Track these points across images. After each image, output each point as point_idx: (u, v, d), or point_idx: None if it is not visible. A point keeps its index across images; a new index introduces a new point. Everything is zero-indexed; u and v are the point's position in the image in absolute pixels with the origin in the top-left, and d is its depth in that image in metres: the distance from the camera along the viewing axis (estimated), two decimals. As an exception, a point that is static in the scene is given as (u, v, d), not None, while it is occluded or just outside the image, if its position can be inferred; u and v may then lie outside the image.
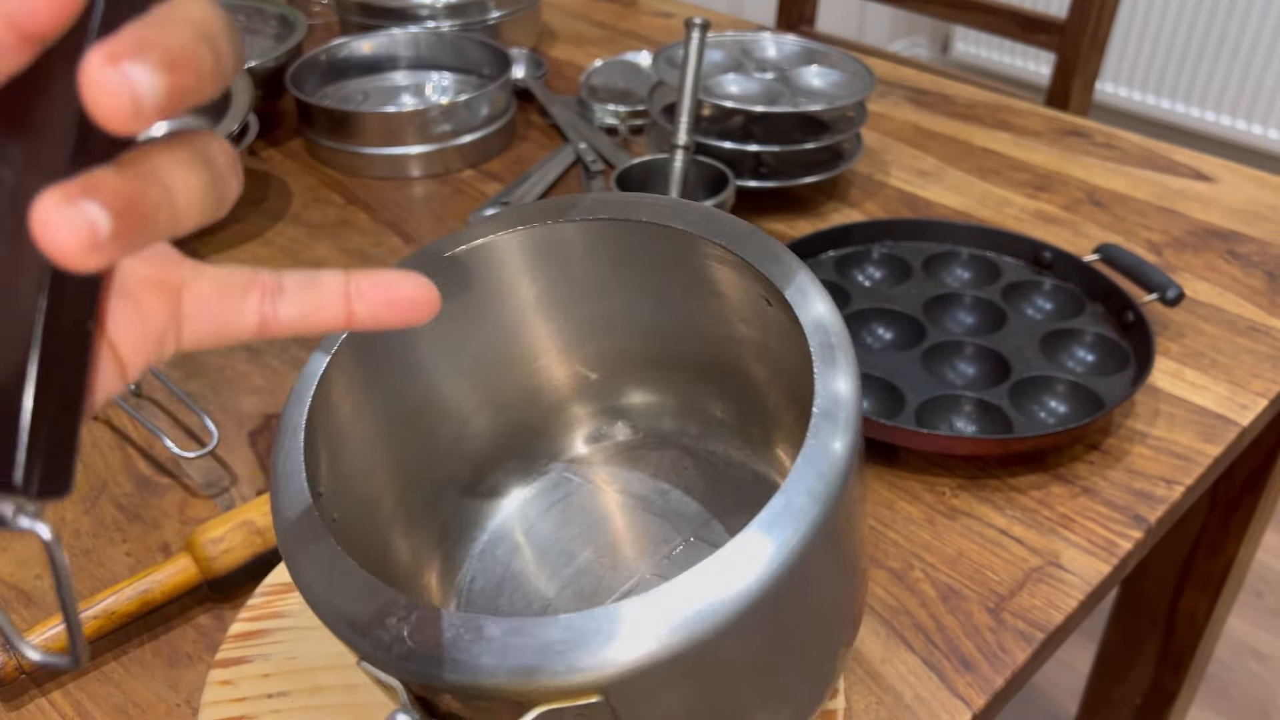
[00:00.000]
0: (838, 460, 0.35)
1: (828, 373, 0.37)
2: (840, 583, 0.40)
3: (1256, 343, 0.73)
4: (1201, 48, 2.36)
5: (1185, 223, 0.87)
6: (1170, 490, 0.61)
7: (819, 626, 0.40)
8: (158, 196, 0.22)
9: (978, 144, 1.00)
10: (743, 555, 0.32)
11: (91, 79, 0.19)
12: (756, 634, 0.35)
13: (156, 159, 0.22)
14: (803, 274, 0.41)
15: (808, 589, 0.36)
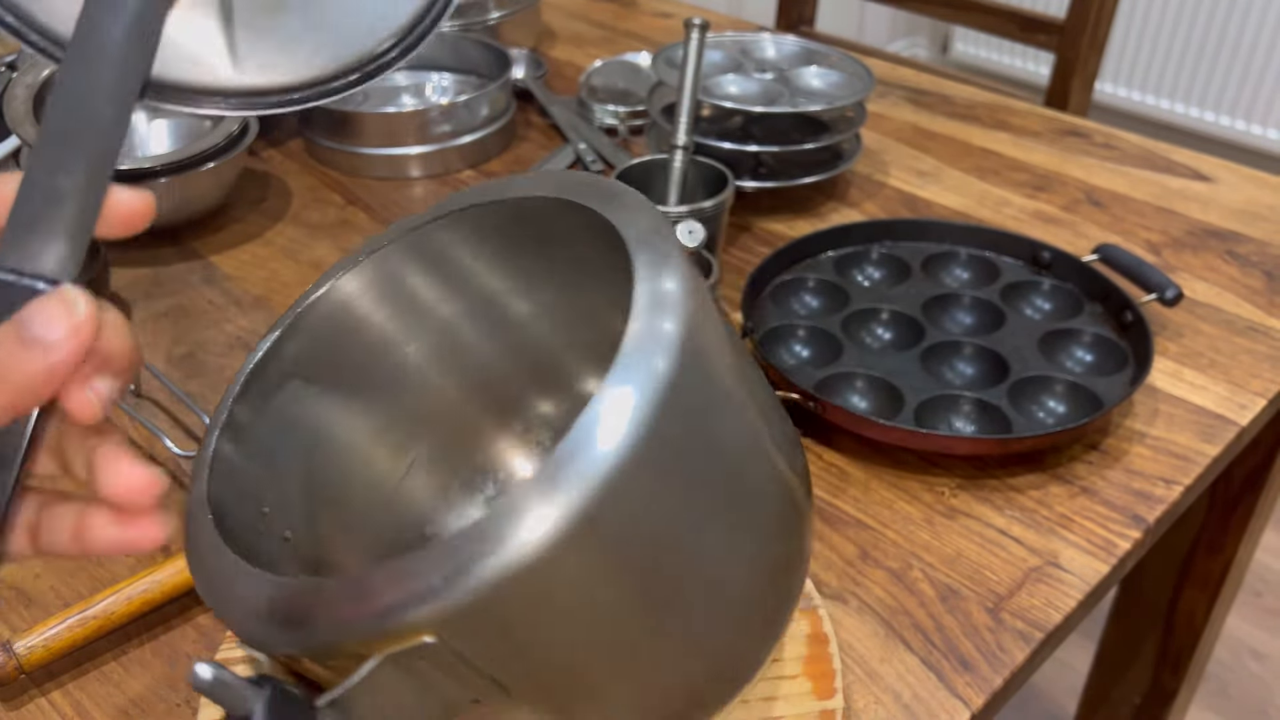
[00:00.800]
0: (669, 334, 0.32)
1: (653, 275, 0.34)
2: (728, 488, 0.36)
3: (1255, 343, 0.73)
4: (1200, 48, 2.36)
5: (1184, 223, 0.87)
6: (1169, 490, 0.61)
7: (709, 538, 0.35)
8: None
9: (977, 144, 1.00)
10: (566, 471, 0.30)
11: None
12: (606, 558, 0.32)
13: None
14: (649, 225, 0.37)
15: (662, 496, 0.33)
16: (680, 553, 0.34)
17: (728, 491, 0.36)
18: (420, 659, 0.31)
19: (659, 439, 0.31)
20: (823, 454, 0.64)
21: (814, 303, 0.76)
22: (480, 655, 0.32)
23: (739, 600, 0.37)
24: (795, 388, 0.64)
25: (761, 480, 0.38)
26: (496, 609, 0.31)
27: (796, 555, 0.41)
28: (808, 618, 0.51)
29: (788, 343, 0.71)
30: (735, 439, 0.36)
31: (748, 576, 0.38)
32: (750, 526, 0.37)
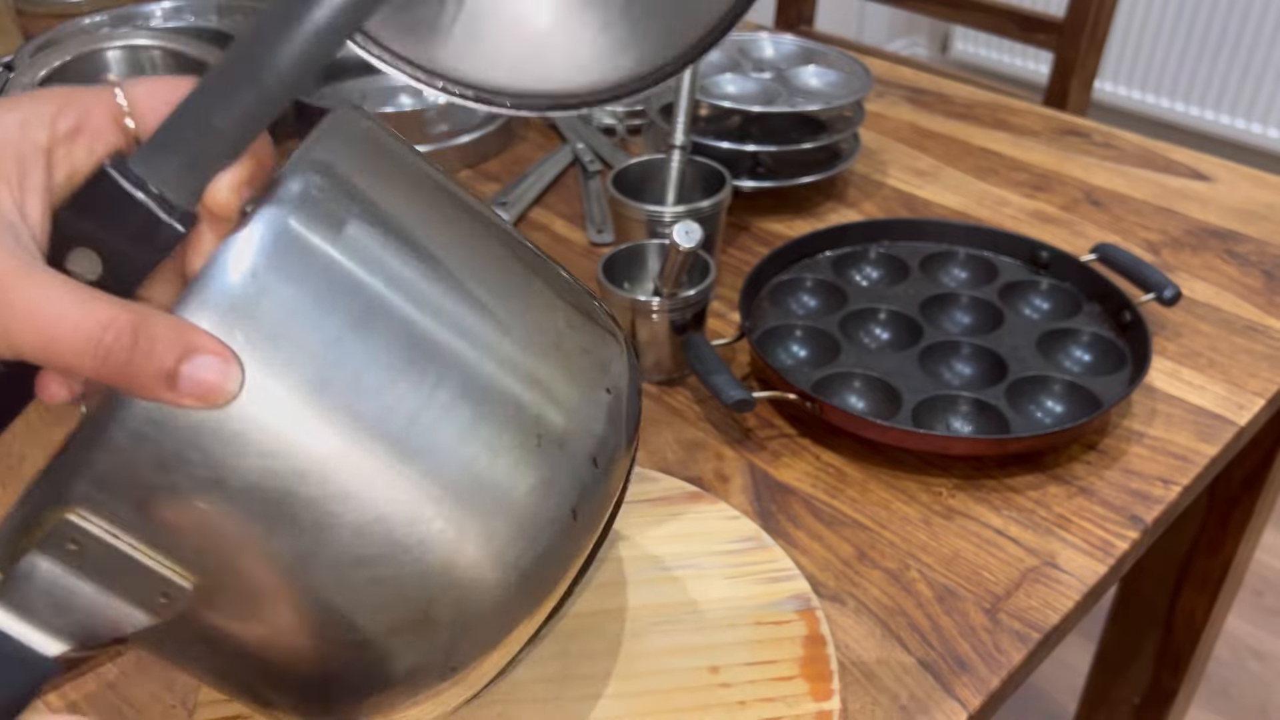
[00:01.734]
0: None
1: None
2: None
3: (1254, 342, 0.73)
4: (1200, 46, 2.36)
5: (1183, 222, 0.87)
6: (1167, 490, 0.61)
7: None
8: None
9: (976, 144, 1.00)
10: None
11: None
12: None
13: None
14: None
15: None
16: (360, 367, 0.31)
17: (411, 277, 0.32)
18: (71, 543, 0.29)
19: (290, 245, 0.30)
20: (820, 454, 0.64)
21: (812, 303, 0.75)
22: (137, 531, 0.30)
23: (466, 401, 0.32)
24: (793, 388, 0.64)
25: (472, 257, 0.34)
26: (131, 467, 0.29)
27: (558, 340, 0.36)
28: (804, 618, 0.51)
29: (785, 343, 0.71)
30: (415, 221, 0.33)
31: (473, 375, 0.32)
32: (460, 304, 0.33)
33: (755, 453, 0.64)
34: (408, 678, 0.32)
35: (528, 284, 0.36)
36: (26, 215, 0.29)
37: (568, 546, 0.34)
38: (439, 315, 0.32)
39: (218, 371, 0.28)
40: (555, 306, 0.36)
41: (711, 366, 0.63)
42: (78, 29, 1.06)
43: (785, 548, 0.56)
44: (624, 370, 0.38)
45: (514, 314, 0.34)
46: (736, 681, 0.48)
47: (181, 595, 0.30)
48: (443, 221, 0.35)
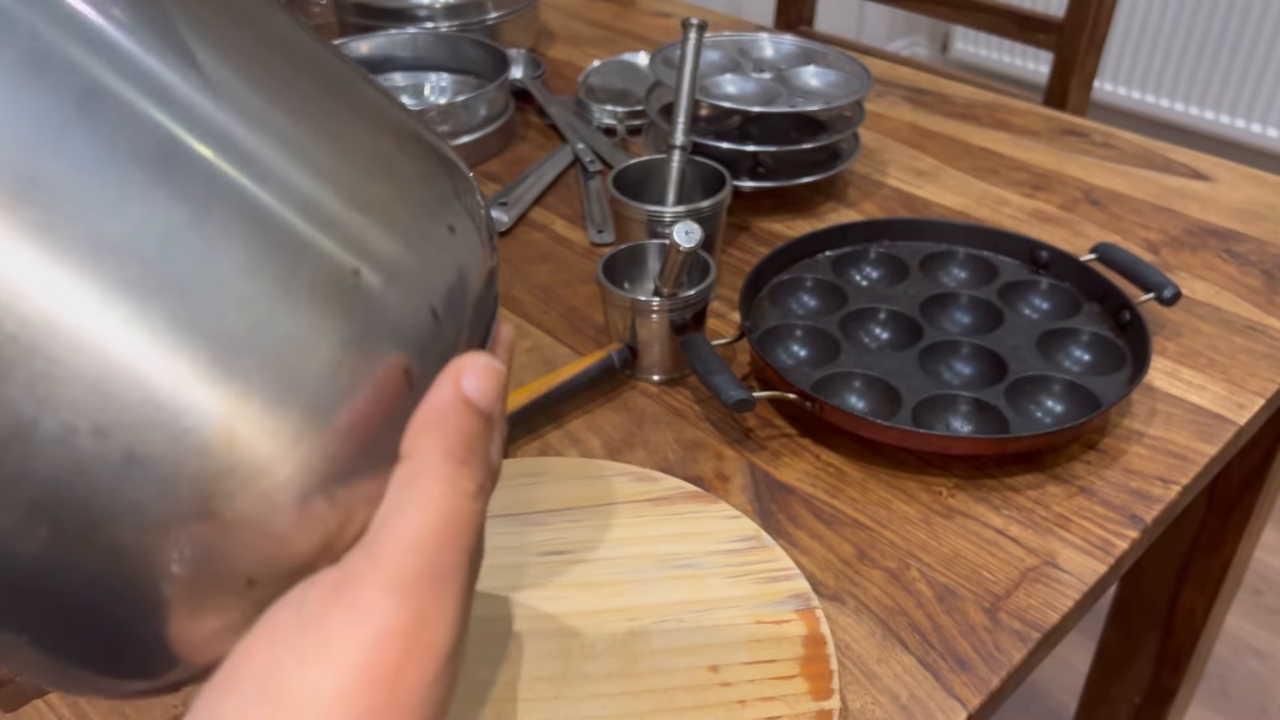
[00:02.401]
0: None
1: None
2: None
3: (1254, 342, 0.73)
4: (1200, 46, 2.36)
5: (1183, 222, 0.87)
6: (1167, 490, 0.61)
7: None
8: None
9: (975, 143, 1.00)
10: None
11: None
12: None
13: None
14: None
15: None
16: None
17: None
18: None
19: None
20: (820, 454, 0.64)
21: (812, 302, 0.75)
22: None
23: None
24: (793, 388, 0.64)
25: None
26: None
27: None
28: (804, 618, 0.51)
29: (785, 343, 0.71)
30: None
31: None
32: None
33: (755, 452, 0.64)
34: (193, 592, 0.24)
35: (343, 91, 0.28)
36: None
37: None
38: (203, 102, 0.25)
39: None
40: (381, 123, 0.29)
41: (711, 366, 0.64)
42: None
43: (785, 547, 0.56)
44: (474, 204, 0.31)
45: (322, 118, 0.27)
46: (736, 681, 0.48)
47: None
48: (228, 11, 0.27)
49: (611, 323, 0.69)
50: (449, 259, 0.28)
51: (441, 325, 0.27)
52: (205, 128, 0.24)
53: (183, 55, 0.25)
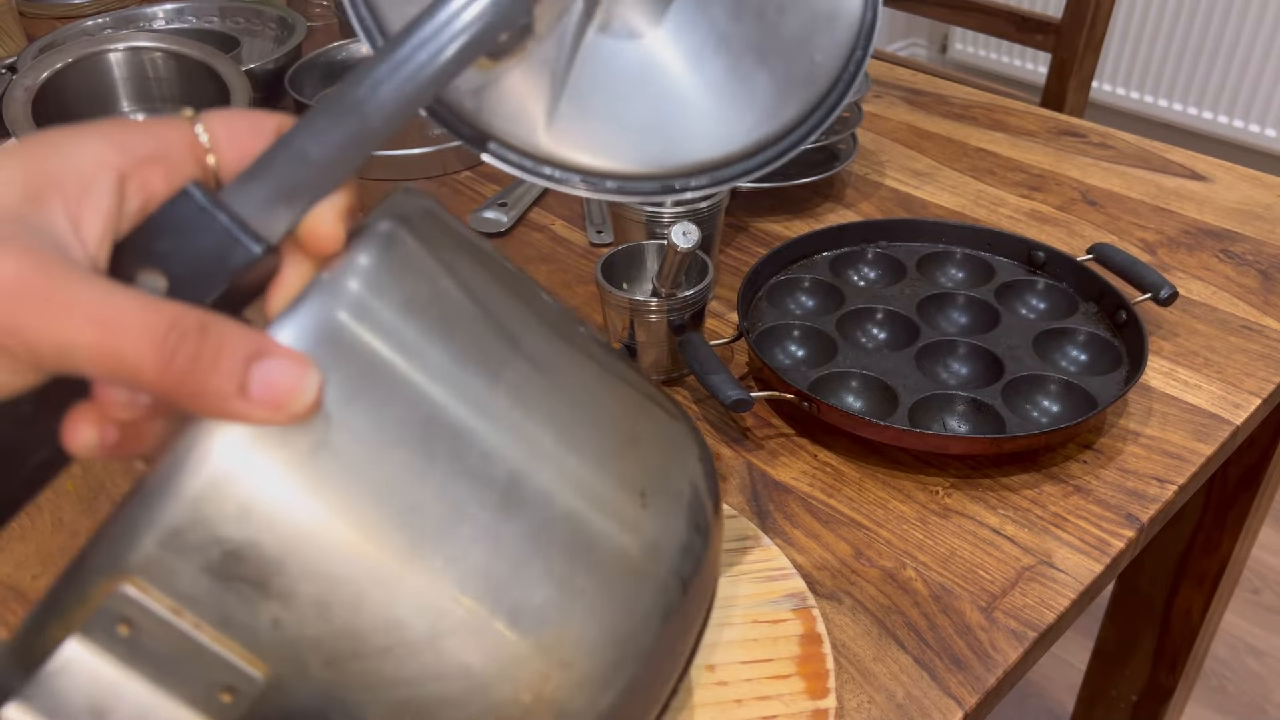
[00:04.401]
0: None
1: None
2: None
3: (1250, 341, 0.73)
4: (1198, 47, 2.36)
5: (1180, 222, 0.87)
6: (1163, 489, 0.61)
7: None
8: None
9: (973, 144, 1.00)
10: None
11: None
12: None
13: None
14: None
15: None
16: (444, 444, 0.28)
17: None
18: (122, 624, 0.25)
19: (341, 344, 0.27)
20: (817, 453, 0.64)
21: (809, 303, 0.76)
22: (202, 608, 0.25)
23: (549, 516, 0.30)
24: (790, 387, 0.64)
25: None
26: (196, 530, 0.25)
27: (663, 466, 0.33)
28: (801, 617, 0.51)
29: (783, 343, 0.72)
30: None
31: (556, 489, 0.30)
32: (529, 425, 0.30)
33: (753, 452, 0.65)
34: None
35: (599, 394, 0.34)
36: (82, 233, 0.26)
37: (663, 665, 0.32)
38: (511, 432, 0.30)
39: (293, 375, 0.25)
40: (630, 413, 0.34)
41: (709, 366, 0.64)
42: (80, 31, 1.06)
43: (782, 547, 0.57)
44: (698, 462, 0.35)
45: (587, 430, 0.32)
46: (733, 680, 0.48)
47: (249, 690, 0.26)
48: (512, 317, 0.32)
49: (610, 323, 0.70)
50: (687, 523, 0.33)
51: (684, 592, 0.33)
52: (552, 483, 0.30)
53: (523, 433, 0.30)
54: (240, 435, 0.25)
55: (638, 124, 0.32)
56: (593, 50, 0.31)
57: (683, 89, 0.32)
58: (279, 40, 1.10)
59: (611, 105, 0.32)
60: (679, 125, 0.32)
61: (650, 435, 0.33)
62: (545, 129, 0.31)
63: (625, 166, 0.32)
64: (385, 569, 0.27)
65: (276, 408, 0.25)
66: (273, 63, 1.00)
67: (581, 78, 0.31)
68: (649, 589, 0.31)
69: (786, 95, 0.33)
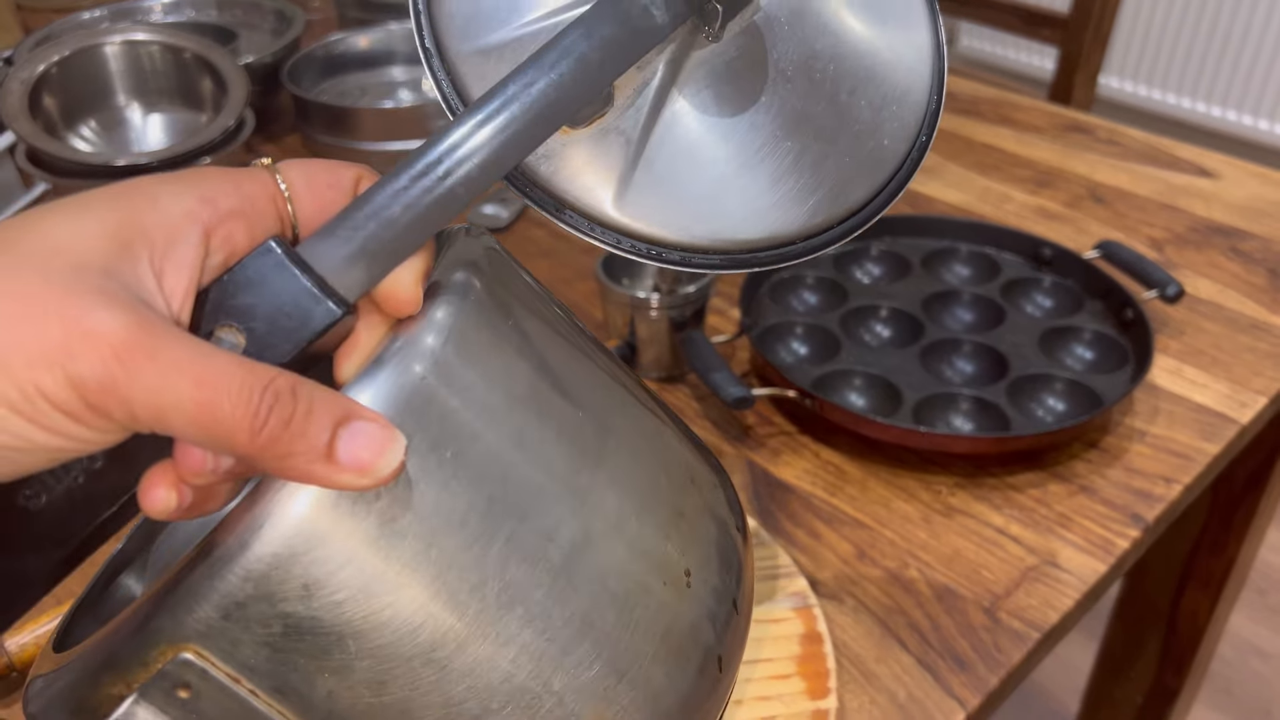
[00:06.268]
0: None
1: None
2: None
3: (1257, 340, 0.72)
4: (1207, 42, 2.35)
5: (1187, 219, 0.86)
6: (1169, 489, 0.61)
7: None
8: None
9: (979, 140, 0.99)
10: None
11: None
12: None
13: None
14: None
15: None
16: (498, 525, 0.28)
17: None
18: (182, 689, 0.26)
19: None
20: (820, 452, 0.63)
21: (812, 300, 0.75)
22: (260, 677, 0.26)
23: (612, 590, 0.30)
24: (792, 385, 0.63)
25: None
26: (260, 604, 0.25)
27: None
28: (802, 617, 0.51)
29: (785, 340, 0.71)
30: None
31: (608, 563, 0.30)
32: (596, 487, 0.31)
33: (755, 450, 0.64)
34: None
35: (652, 453, 0.34)
36: (166, 288, 0.26)
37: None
38: (571, 509, 0.30)
39: (379, 440, 0.25)
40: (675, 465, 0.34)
41: (711, 364, 0.63)
42: (77, 24, 1.06)
43: (784, 546, 0.56)
44: (726, 500, 0.36)
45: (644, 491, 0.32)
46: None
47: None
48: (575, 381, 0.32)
49: (611, 320, 0.69)
50: (720, 562, 0.34)
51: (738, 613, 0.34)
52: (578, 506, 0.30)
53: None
54: (309, 511, 0.25)
55: (707, 199, 0.32)
56: (669, 125, 0.32)
57: (753, 167, 0.32)
58: (277, 33, 1.09)
59: (682, 179, 0.32)
60: (748, 203, 0.32)
61: (695, 508, 0.34)
62: (616, 198, 0.32)
63: (690, 240, 0.32)
64: (440, 649, 0.27)
65: (362, 473, 0.25)
66: (270, 56, 0.99)
67: (656, 150, 0.32)
68: (691, 669, 0.31)
69: (855, 178, 0.33)
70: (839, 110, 0.33)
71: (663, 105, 0.31)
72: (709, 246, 0.32)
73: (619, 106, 0.31)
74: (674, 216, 0.32)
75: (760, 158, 0.32)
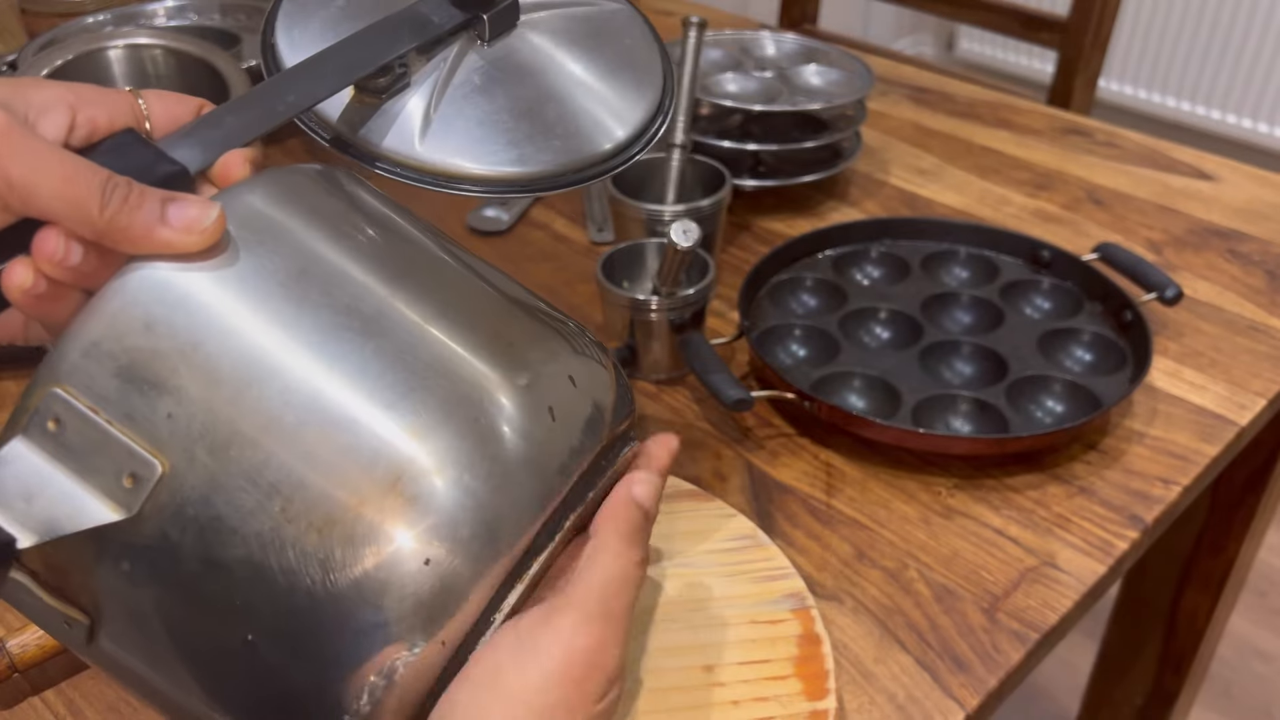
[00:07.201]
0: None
1: None
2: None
3: (1256, 342, 0.72)
4: (1206, 45, 2.35)
5: (1186, 221, 0.87)
6: (1168, 490, 0.61)
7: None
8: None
9: (978, 142, 0.99)
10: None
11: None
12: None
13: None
14: None
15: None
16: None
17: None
18: (52, 421, 0.31)
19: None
20: (819, 453, 0.64)
21: (812, 302, 0.75)
22: (112, 406, 0.31)
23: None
24: (791, 387, 0.63)
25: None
26: (110, 342, 0.32)
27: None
28: (800, 617, 0.51)
29: (785, 342, 0.71)
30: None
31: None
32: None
33: (754, 452, 0.64)
34: (376, 636, 0.32)
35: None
36: (38, 132, 0.34)
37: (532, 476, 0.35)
38: (382, 288, 0.36)
39: (200, 206, 0.33)
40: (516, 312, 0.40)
41: (710, 365, 0.63)
42: (81, 28, 1.06)
43: (783, 547, 0.56)
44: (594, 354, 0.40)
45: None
46: (731, 681, 0.48)
47: (148, 475, 0.31)
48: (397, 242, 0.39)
49: (610, 322, 0.69)
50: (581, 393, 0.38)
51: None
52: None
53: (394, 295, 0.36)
54: (153, 269, 0.32)
55: (481, 142, 0.42)
56: (455, 92, 0.43)
57: (510, 126, 0.43)
58: (281, 37, 1.09)
59: (464, 127, 0.42)
60: (509, 147, 0.42)
61: (531, 334, 0.39)
62: (419, 142, 0.41)
63: (475, 173, 0.42)
64: (259, 370, 0.32)
65: (189, 230, 0.32)
66: (274, 60, 0.99)
67: (445, 109, 0.42)
68: (498, 416, 0.35)
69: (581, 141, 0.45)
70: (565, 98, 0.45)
71: (450, 80, 0.43)
72: (483, 178, 0.42)
73: (415, 83, 0.42)
74: (459, 154, 0.42)
75: (515, 119, 0.43)
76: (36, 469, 0.31)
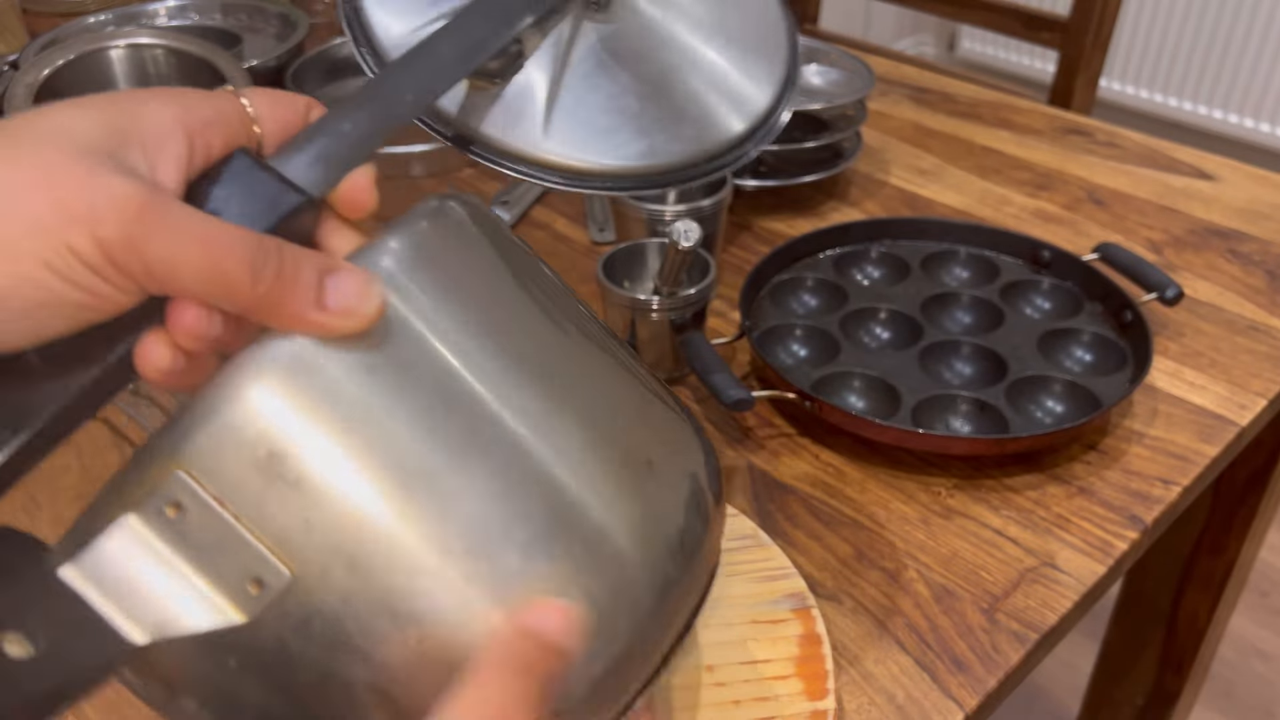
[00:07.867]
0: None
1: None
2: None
3: (1256, 342, 0.73)
4: (1208, 45, 2.35)
5: (1186, 221, 0.87)
6: (1167, 490, 0.61)
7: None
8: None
9: (979, 143, 0.99)
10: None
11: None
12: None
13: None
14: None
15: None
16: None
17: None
18: (171, 506, 0.27)
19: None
20: (819, 453, 0.64)
21: (812, 302, 0.75)
22: (245, 501, 0.28)
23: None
24: (792, 387, 0.63)
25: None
26: (248, 429, 0.27)
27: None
28: (800, 618, 0.51)
29: (785, 342, 0.71)
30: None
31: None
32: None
33: (754, 452, 0.64)
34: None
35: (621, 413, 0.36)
36: (159, 178, 0.30)
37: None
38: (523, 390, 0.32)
39: (361, 284, 0.29)
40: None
41: (710, 365, 0.63)
42: (82, 28, 1.06)
43: (784, 547, 0.56)
44: (700, 455, 0.37)
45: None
46: (731, 680, 0.48)
47: (276, 584, 0.28)
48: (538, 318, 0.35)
49: (611, 321, 0.69)
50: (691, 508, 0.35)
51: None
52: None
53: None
54: (299, 348, 0.28)
55: (605, 133, 0.38)
56: (573, 77, 0.38)
57: (638, 111, 0.39)
58: (281, 37, 1.10)
59: (584, 120, 0.38)
60: (633, 139, 0.38)
61: (656, 420, 0.36)
62: (542, 134, 0.37)
63: (592, 168, 0.38)
64: (411, 488, 0.29)
65: (348, 314, 0.28)
66: (274, 60, 1.00)
67: (564, 96, 0.38)
68: (640, 558, 0.32)
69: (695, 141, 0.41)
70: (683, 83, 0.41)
71: (568, 59, 0.38)
72: (615, 173, 0.38)
73: (530, 65, 0.37)
74: (586, 148, 0.38)
75: (642, 101, 0.39)
76: (150, 555, 0.28)
